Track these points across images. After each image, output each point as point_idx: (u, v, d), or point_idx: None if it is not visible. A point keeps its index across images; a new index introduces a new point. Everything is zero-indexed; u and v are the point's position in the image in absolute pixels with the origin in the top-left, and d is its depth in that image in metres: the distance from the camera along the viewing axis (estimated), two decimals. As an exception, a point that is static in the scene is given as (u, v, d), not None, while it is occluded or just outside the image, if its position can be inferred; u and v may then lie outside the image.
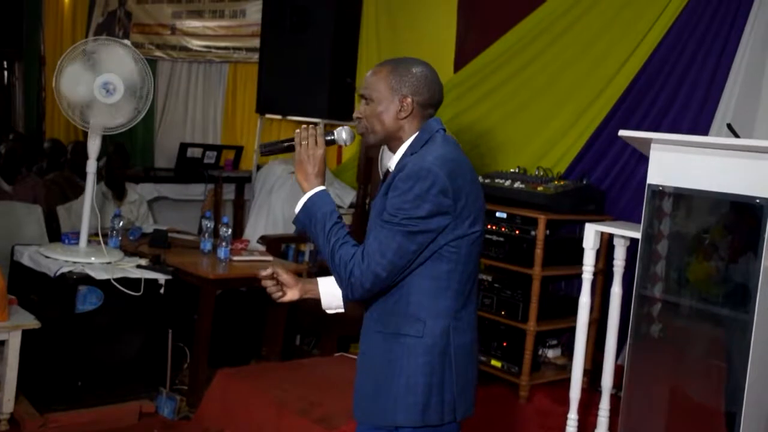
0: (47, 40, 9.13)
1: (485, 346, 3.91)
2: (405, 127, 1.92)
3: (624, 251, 3.11)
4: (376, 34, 5.26)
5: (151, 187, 5.46)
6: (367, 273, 1.80)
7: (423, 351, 1.84)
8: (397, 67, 1.93)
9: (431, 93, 1.92)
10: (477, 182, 1.91)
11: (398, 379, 1.85)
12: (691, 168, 2.51)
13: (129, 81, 3.54)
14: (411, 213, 1.78)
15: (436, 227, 1.80)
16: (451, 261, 1.84)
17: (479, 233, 1.88)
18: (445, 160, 1.82)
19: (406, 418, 1.85)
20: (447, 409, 1.87)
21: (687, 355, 2.62)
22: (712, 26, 3.62)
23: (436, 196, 1.78)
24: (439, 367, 1.85)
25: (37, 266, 3.50)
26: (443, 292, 1.85)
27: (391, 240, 1.79)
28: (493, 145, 4.51)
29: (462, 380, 1.90)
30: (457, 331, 1.87)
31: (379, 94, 1.92)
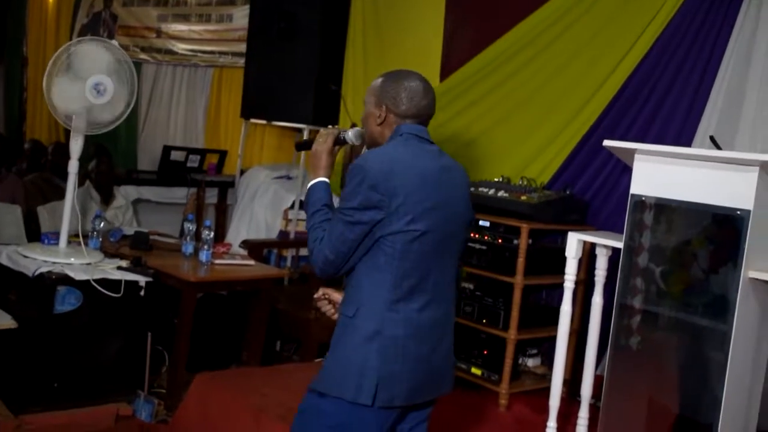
0: (30, 41, 9.06)
1: (466, 354, 3.91)
2: (384, 133, 2.15)
3: (606, 261, 3.13)
4: (363, 42, 5.27)
5: (134, 190, 5.43)
6: (320, 254, 2.04)
7: (352, 331, 2.04)
8: (386, 79, 2.18)
9: (410, 104, 2.13)
10: (433, 184, 2.05)
11: (334, 353, 2.07)
12: (674, 179, 2.54)
13: (115, 80, 3.53)
14: (347, 204, 2.00)
15: (369, 220, 1.99)
16: (387, 254, 2.01)
17: (420, 233, 2.01)
18: (384, 160, 2.02)
19: (327, 386, 2.05)
20: (365, 391, 2.00)
21: (666, 365, 2.63)
22: (697, 41, 3.66)
23: (366, 191, 1.98)
24: (363, 350, 2.01)
25: (15, 266, 3.46)
26: (380, 283, 2.02)
27: (336, 228, 2.02)
28: (477, 154, 4.52)
29: (386, 370, 2.01)
30: (389, 322, 2.02)
31: (368, 103, 2.19)
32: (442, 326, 2.15)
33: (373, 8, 5.23)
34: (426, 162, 2.08)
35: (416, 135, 2.12)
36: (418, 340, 2.06)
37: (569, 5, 4.13)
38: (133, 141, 7.45)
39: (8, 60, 9.44)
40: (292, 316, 4.11)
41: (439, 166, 2.11)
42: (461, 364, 3.92)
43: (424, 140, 2.13)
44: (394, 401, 2.04)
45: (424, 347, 2.07)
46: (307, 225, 2.13)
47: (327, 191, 2.15)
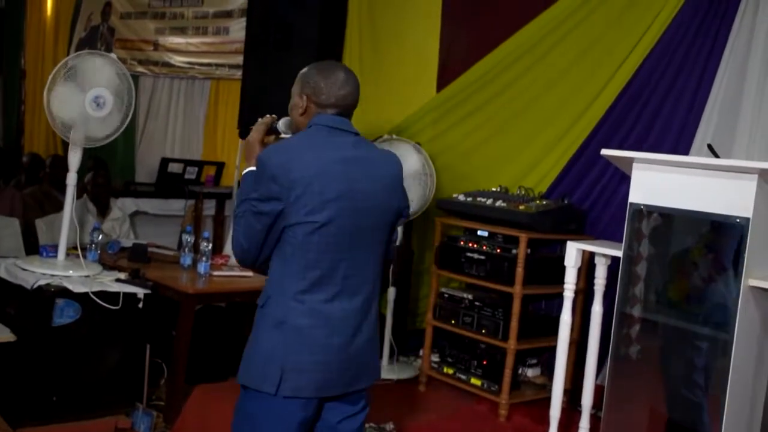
0: (28, 54, 9.07)
1: (465, 364, 3.90)
2: (306, 123, 2.16)
3: (605, 270, 3.13)
4: (359, 53, 5.28)
5: (132, 202, 5.42)
6: (236, 242, 2.09)
7: (262, 319, 2.09)
8: (309, 69, 2.19)
9: (329, 94, 2.13)
10: (337, 175, 2.05)
11: (249, 342, 2.11)
12: (673, 187, 2.54)
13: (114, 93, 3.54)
14: (252, 195, 2.05)
15: (270, 210, 2.02)
16: (291, 245, 2.04)
17: (320, 224, 2.02)
18: (284, 152, 2.05)
19: (241, 377, 2.10)
20: (268, 380, 2.03)
21: (667, 374, 2.63)
22: (692, 49, 3.68)
23: (267, 182, 2.02)
24: (270, 338, 2.05)
25: (13, 278, 3.45)
26: (287, 273, 2.06)
27: (247, 218, 2.06)
28: (475, 165, 4.53)
29: (292, 360, 2.03)
30: (294, 311, 2.04)
31: (293, 93, 2.20)
32: (357, 318, 2.11)
33: (370, 19, 5.24)
34: (331, 153, 2.07)
35: (328, 126, 2.11)
36: (328, 330, 2.05)
37: (565, 15, 4.15)
38: (130, 153, 7.45)
39: (6, 73, 9.44)
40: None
41: (347, 156, 2.09)
42: (461, 375, 3.91)
43: (337, 130, 2.12)
44: (301, 392, 2.04)
45: (335, 338, 2.06)
46: (233, 213, 2.15)
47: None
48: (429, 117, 4.78)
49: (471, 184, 4.31)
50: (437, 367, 4.05)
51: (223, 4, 6.65)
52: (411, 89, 4.92)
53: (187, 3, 6.98)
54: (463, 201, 4.00)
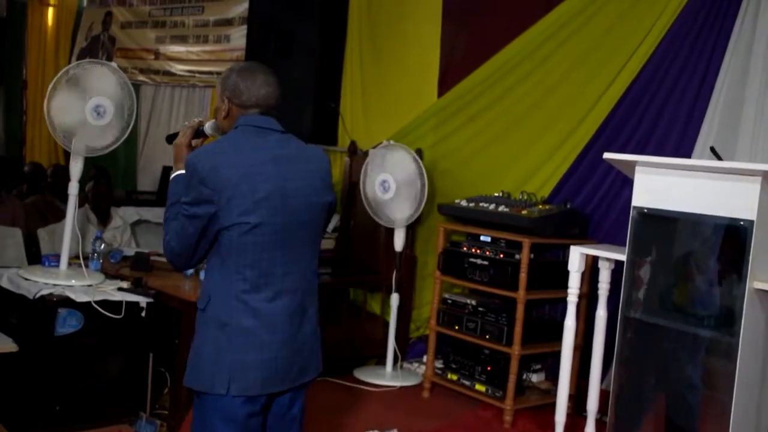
0: (30, 64, 9.10)
1: (469, 371, 3.89)
2: (231, 125, 2.17)
3: (609, 274, 3.12)
4: (360, 60, 5.29)
5: (133, 211, 5.41)
6: (167, 246, 2.13)
7: (204, 321, 2.11)
8: (229, 72, 2.20)
9: (249, 94, 2.14)
10: (266, 174, 2.07)
11: (193, 345, 2.14)
12: (675, 190, 2.53)
13: (115, 102, 3.54)
14: (184, 199, 2.06)
15: (204, 213, 2.04)
16: (227, 247, 2.06)
17: (253, 225, 2.04)
18: (210, 153, 2.07)
19: (190, 380, 2.12)
20: (218, 381, 2.06)
21: (673, 379, 2.61)
22: (693, 52, 3.67)
23: (197, 186, 2.03)
24: (215, 339, 2.07)
25: (16, 288, 3.44)
26: (226, 274, 2.08)
27: (179, 221, 2.08)
28: (477, 170, 4.52)
29: (238, 360, 2.06)
30: (237, 312, 2.07)
31: (216, 96, 2.23)
32: (300, 315, 2.16)
33: (370, 25, 5.25)
34: (259, 153, 2.10)
35: (254, 126, 2.14)
36: (272, 329, 2.10)
37: (565, 20, 4.15)
38: (132, 162, 7.46)
39: (8, 83, 9.47)
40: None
41: (276, 155, 2.12)
42: (465, 381, 3.90)
43: (263, 129, 2.14)
44: (249, 390, 2.08)
45: (278, 336, 2.11)
46: (164, 216, 2.17)
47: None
48: (430, 122, 4.78)
49: (473, 189, 4.30)
50: (441, 374, 4.03)
51: (223, 12, 6.67)
52: (412, 95, 4.92)
53: (188, 11, 7.00)
54: (466, 206, 3.99)
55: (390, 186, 4.14)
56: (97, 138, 3.55)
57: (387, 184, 4.15)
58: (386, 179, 4.15)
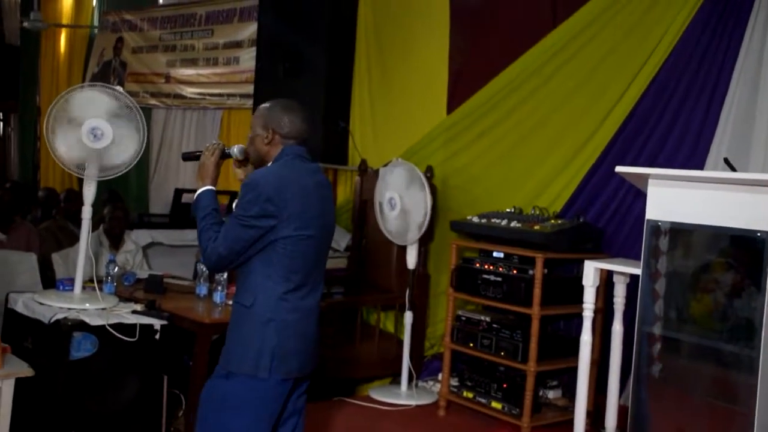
0: (43, 91, 9.22)
1: (485, 388, 3.85)
2: (271, 152, 2.55)
3: (624, 288, 3.09)
4: (369, 79, 5.31)
5: (146, 233, 5.42)
6: (214, 250, 2.44)
7: (251, 318, 2.44)
8: (272, 106, 2.58)
9: (291, 128, 2.53)
10: (314, 197, 2.50)
11: (233, 336, 2.48)
12: (690, 203, 2.51)
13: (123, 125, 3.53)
14: (245, 212, 2.40)
15: (264, 225, 2.40)
16: (279, 254, 2.43)
17: (307, 236, 2.46)
18: (274, 176, 2.45)
19: (227, 364, 2.46)
20: (262, 366, 2.41)
21: (693, 394, 2.58)
22: (704, 63, 3.66)
23: (263, 203, 2.39)
24: (261, 332, 2.42)
25: (31, 313, 3.46)
26: (273, 277, 2.44)
27: (232, 230, 2.42)
28: (488, 186, 4.52)
29: (283, 348, 2.44)
30: (281, 309, 2.44)
31: (256, 125, 2.58)
32: (317, 311, 2.58)
33: (378, 44, 5.28)
34: (307, 179, 2.52)
35: (299, 155, 2.54)
36: (305, 322, 2.51)
37: (574, 34, 4.15)
38: (144, 185, 7.51)
39: (22, 110, 9.59)
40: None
41: (315, 182, 2.55)
42: (481, 399, 3.86)
43: (304, 159, 2.55)
44: (290, 374, 2.48)
45: (308, 328, 2.53)
46: (199, 227, 2.50)
47: (214, 198, 2.56)
48: (440, 139, 4.79)
49: (484, 205, 4.29)
50: (457, 391, 4.00)
51: (232, 34, 6.73)
52: (421, 112, 4.93)
53: (198, 35, 7.07)
54: (478, 222, 3.98)
55: (396, 203, 4.14)
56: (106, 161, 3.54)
57: (393, 201, 4.15)
58: (392, 197, 4.15)
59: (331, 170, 5.61)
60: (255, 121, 2.59)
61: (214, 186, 2.61)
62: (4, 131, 10.24)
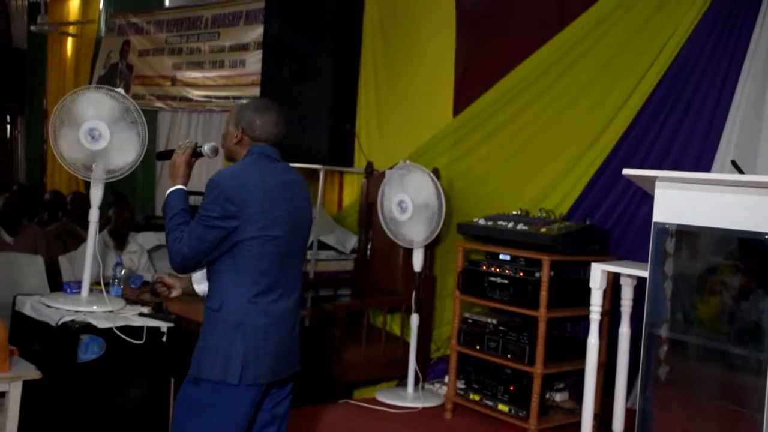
0: (50, 93, 9.25)
1: (492, 391, 3.85)
2: (240, 151, 2.55)
3: (631, 291, 3.08)
4: (375, 81, 5.31)
5: (152, 236, 5.44)
6: (179, 251, 2.42)
7: (218, 322, 2.42)
8: (247, 106, 2.58)
9: (262, 130, 2.52)
10: (279, 196, 2.45)
11: (202, 341, 2.45)
12: (697, 205, 2.51)
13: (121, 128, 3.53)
14: (207, 213, 2.38)
15: (226, 226, 2.36)
16: (244, 256, 2.39)
17: (273, 237, 2.42)
18: (235, 176, 2.42)
19: (197, 371, 2.43)
20: (232, 372, 2.37)
21: (700, 396, 2.57)
22: (711, 64, 3.65)
23: (223, 203, 2.36)
24: (229, 337, 2.39)
25: (38, 316, 3.47)
26: (240, 280, 2.40)
27: (196, 230, 2.39)
28: (494, 188, 4.51)
29: (253, 353, 2.40)
30: (250, 313, 2.41)
31: (228, 123, 2.57)
32: (293, 314, 2.53)
33: (384, 46, 5.28)
34: (272, 178, 2.47)
35: (265, 155, 2.51)
36: (276, 326, 2.46)
37: (581, 35, 4.15)
38: (150, 187, 7.52)
39: (29, 113, 9.62)
40: (313, 357, 4.07)
41: (285, 180, 2.51)
42: (487, 401, 3.86)
43: (272, 159, 2.53)
44: (260, 379, 2.42)
45: (281, 332, 2.47)
46: (167, 226, 2.47)
47: (184, 197, 2.53)
48: (446, 141, 4.79)
49: (490, 207, 4.28)
50: (463, 394, 4.00)
51: (238, 37, 6.74)
52: (427, 115, 4.93)
53: (204, 38, 7.08)
54: (484, 225, 3.98)
55: (407, 206, 4.13)
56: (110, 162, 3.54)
57: (404, 204, 4.14)
58: (403, 199, 4.14)
59: (337, 172, 5.62)
60: (229, 118, 2.58)
61: (185, 185, 2.59)
62: (11, 134, 10.28)
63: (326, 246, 5.25)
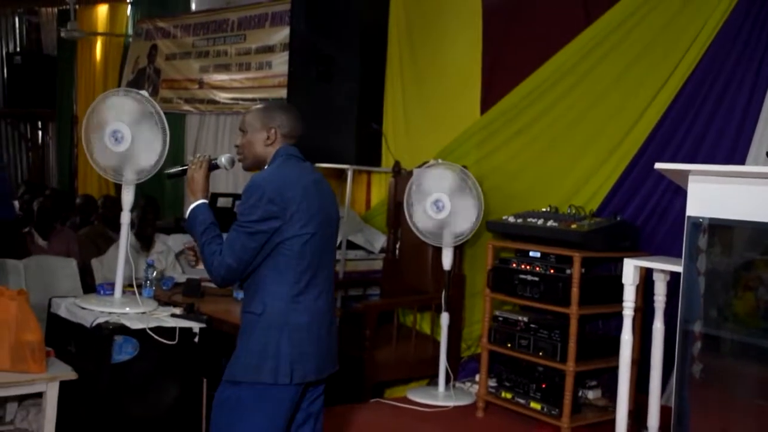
0: (80, 99, 9.37)
1: (524, 388, 3.83)
2: (269, 154, 2.53)
3: (664, 286, 3.05)
4: (401, 80, 5.31)
5: (182, 238, 5.49)
6: (222, 263, 2.39)
7: (261, 325, 2.41)
8: (268, 107, 2.60)
9: (291, 127, 2.55)
10: (313, 194, 2.48)
11: (245, 344, 2.44)
12: (732, 198, 2.46)
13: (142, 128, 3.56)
14: (247, 218, 2.37)
15: (268, 228, 2.37)
16: (286, 256, 2.40)
17: (311, 234, 2.44)
18: (275, 176, 2.44)
19: (242, 374, 2.42)
20: (281, 373, 2.39)
21: (738, 393, 2.53)
22: (744, 57, 3.59)
23: (265, 205, 2.36)
24: (275, 339, 2.40)
25: (73, 317, 3.52)
26: (281, 280, 2.41)
27: (237, 239, 2.38)
28: (523, 185, 4.48)
29: (297, 351, 2.42)
30: (293, 312, 2.42)
31: (252, 128, 2.55)
32: (330, 312, 2.56)
33: (410, 45, 5.27)
34: (305, 177, 2.51)
35: (293, 155, 2.54)
36: (318, 324, 2.48)
37: (609, 30, 4.10)
38: (179, 190, 7.58)
39: (59, 119, 9.76)
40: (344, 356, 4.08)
41: (313, 179, 2.54)
42: (519, 399, 3.84)
43: (299, 158, 2.56)
44: (307, 378, 2.45)
45: (322, 330, 2.50)
46: (200, 242, 2.46)
47: (210, 211, 2.53)
48: (474, 140, 4.77)
49: (519, 205, 4.26)
50: (495, 392, 3.98)
51: (264, 39, 6.77)
52: (454, 113, 4.91)
53: (230, 40, 7.13)
54: (514, 222, 3.95)
55: (444, 205, 4.11)
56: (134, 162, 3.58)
57: (441, 203, 4.12)
58: (440, 198, 4.12)
59: (365, 172, 5.62)
60: (251, 123, 2.55)
61: (207, 199, 2.58)
62: (42, 140, 10.44)
63: (355, 246, 5.26)
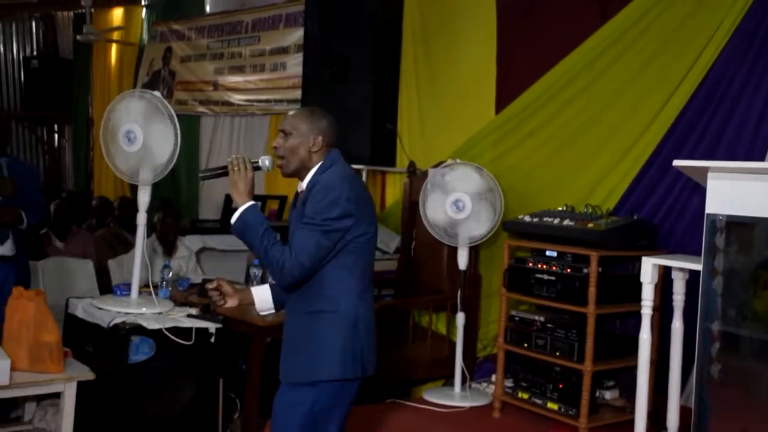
0: (95, 102, 9.43)
1: (540, 389, 3.80)
2: (314, 158, 2.53)
3: (683, 285, 3.02)
4: (416, 80, 5.30)
5: (198, 239, 5.51)
6: (296, 264, 2.36)
7: (338, 322, 2.44)
8: (312, 113, 2.58)
9: (333, 133, 2.58)
10: (369, 195, 2.62)
11: (320, 343, 2.43)
12: (752, 195, 2.43)
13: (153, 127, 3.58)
14: (325, 215, 2.38)
15: (343, 227, 2.40)
16: (354, 253, 2.45)
17: (372, 234, 2.52)
18: (346, 178, 2.49)
19: (327, 373, 2.42)
20: (358, 366, 2.45)
21: (759, 393, 2.50)
22: (762, 55, 3.56)
23: (345, 203, 2.39)
24: (350, 334, 2.44)
25: (90, 318, 3.54)
26: (350, 278, 2.46)
27: (311, 237, 2.37)
28: (539, 184, 4.46)
29: (367, 345, 2.49)
30: (361, 307, 2.48)
31: (297, 132, 2.53)
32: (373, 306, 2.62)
33: (425, 45, 5.26)
34: (359, 179, 2.62)
35: (343, 159, 2.58)
36: (374, 320, 2.57)
37: (624, 29, 4.08)
38: (194, 191, 7.61)
39: (75, 121, 9.83)
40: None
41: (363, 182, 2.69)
42: (536, 399, 3.81)
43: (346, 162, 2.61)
44: (372, 370, 2.52)
45: (375, 325, 2.57)
46: (259, 244, 2.42)
47: (261, 212, 2.54)
48: (489, 139, 4.75)
49: (535, 204, 4.24)
50: (511, 392, 3.96)
51: (279, 40, 6.79)
52: (469, 112, 4.90)
53: (245, 42, 7.15)
54: (530, 222, 3.93)
55: (465, 205, 4.09)
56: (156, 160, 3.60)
57: (461, 203, 4.10)
58: (460, 198, 4.10)
59: (380, 172, 5.62)
60: (298, 128, 2.52)
61: (253, 200, 2.53)
62: (58, 142, 10.51)
63: (370, 246, 5.25)
